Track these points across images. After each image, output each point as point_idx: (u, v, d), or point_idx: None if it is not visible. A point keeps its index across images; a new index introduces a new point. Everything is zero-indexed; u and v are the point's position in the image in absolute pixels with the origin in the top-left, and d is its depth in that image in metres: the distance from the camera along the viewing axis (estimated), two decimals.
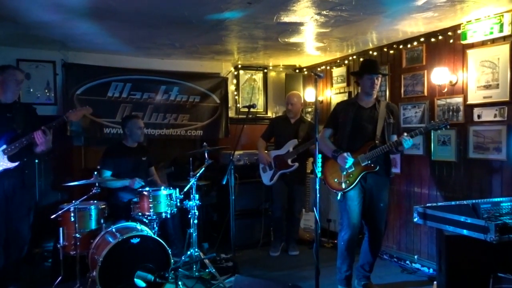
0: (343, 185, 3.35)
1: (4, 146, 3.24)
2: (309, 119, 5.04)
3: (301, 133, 4.62)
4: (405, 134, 3.21)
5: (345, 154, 3.29)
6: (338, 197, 3.39)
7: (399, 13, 3.47)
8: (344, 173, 3.34)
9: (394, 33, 4.07)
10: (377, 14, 3.47)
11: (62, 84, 4.76)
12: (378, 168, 3.30)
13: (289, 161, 4.54)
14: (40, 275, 3.92)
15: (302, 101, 4.88)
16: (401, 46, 4.33)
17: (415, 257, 4.18)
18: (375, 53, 4.63)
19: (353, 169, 3.32)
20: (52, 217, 3.41)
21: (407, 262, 4.22)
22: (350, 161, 3.28)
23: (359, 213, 3.37)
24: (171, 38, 4.23)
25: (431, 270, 3.95)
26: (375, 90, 3.39)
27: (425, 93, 4.09)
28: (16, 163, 3.27)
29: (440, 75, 3.84)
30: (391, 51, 4.45)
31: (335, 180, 3.40)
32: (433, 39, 3.99)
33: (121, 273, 3.18)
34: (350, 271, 3.44)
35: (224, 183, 3.73)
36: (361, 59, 4.51)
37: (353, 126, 3.40)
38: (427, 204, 3.05)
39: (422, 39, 4.10)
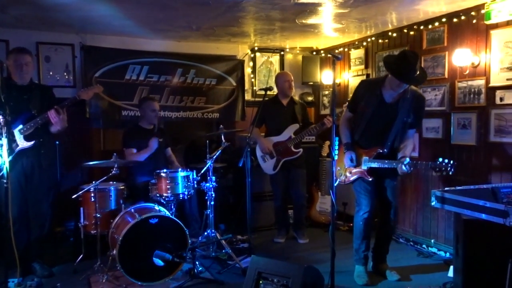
0: (339, 179, 3.42)
1: (21, 126, 3.35)
2: (298, 99, 4.92)
3: (298, 116, 4.41)
4: (407, 161, 3.05)
5: (349, 157, 3.31)
6: (335, 184, 3.38)
7: None
8: (346, 166, 3.36)
9: (414, 13, 3.96)
10: None
11: (81, 67, 4.81)
12: (372, 179, 3.29)
13: (292, 148, 4.34)
14: (62, 253, 4.04)
15: None
16: (421, 27, 4.22)
17: (432, 241, 4.16)
18: (394, 34, 4.53)
19: (354, 166, 3.33)
20: (73, 197, 3.51)
21: (424, 246, 4.21)
22: (351, 165, 3.32)
23: (375, 191, 3.36)
24: (188, 20, 4.22)
25: (447, 254, 3.93)
26: (401, 90, 3.13)
27: (446, 75, 4.00)
28: (32, 142, 3.36)
29: (462, 57, 3.75)
30: (411, 32, 4.34)
31: (338, 168, 3.45)
32: (455, 19, 3.87)
33: (140, 252, 3.26)
34: (368, 252, 3.46)
35: (240, 165, 3.76)
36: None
37: (370, 122, 3.26)
38: (446, 188, 3.02)
39: (443, 20, 3.98)
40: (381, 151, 3.22)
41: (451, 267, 3.28)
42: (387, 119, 3.20)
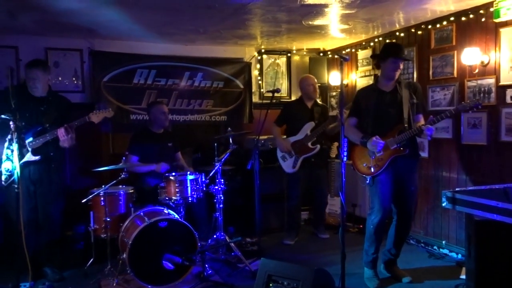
0: (373, 169, 3.31)
1: (31, 139, 3.39)
2: (321, 102, 4.98)
3: (316, 115, 4.55)
4: (423, 124, 3.18)
5: (374, 138, 3.24)
6: (367, 182, 3.36)
7: None
8: (373, 157, 3.30)
9: (422, 12, 3.93)
10: None
11: (89, 72, 4.85)
12: (408, 151, 3.24)
13: (309, 144, 4.47)
14: (73, 257, 4.07)
15: None
16: (429, 26, 4.19)
17: (443, 242, 4.11)
18: (402, 34, 4.50)
19: (382, 153, 3.26)
20: (83, 201, 3.53)
21: (435, 247, 4.16)
22: (380, 148, 3.22)
23: (390, 197, 3.33)
24: (195, 23, 4.23)
25: (459, 256, 3.89)
26: (397, 74, 3.30)
27: (455, 75, 3.96)
28: (38, 157, 3.39)
29: (471, 56, 3.71)
30: (419, 32, 4.31)
31: (364, 165, 3.37)
32: (463, 18, 3.84)
33: (150, 255, 3.27)
34: (377, 254, 3.43)
35: (249, 168, 3.75)
36: (387, 41, 4.43)
37: (376, 111, 3.34)
38: (456, 189, 2.99)
39: (452, 18, 3.95)
40: (402, 128, 3.24)
41: (463, 269, 3.24)
42: (393, 103, 3.31)
